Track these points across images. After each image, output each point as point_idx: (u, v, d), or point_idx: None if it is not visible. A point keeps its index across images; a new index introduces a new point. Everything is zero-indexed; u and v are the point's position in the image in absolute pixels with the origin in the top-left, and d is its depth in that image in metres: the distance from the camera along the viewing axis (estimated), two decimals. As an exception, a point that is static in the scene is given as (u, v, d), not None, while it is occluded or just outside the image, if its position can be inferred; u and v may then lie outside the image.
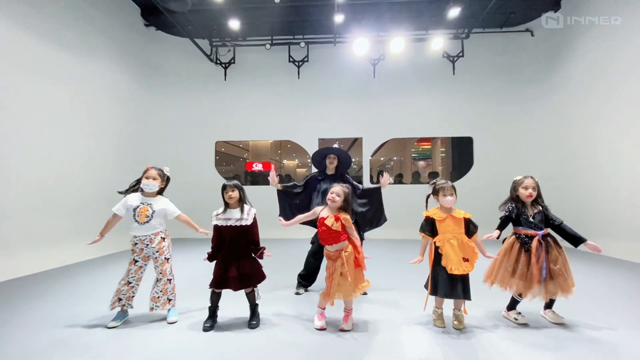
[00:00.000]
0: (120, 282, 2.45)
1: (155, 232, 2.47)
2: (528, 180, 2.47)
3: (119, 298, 2.42)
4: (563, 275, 2.33)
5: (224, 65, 7.69)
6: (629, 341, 2.14)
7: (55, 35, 4.84)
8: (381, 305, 2.90)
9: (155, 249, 2.45)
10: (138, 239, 2.45)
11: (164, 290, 2.47)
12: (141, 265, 2.47)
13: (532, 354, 1.97)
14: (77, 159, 5.16)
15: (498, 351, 2.02)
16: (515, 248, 2.43)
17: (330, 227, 2.25)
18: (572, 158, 6.24)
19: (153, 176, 2.50)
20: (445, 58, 7.41)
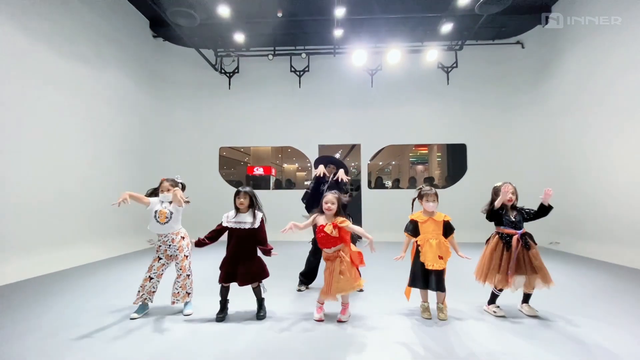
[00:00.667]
0: (144, 278, 2.76)
1: (175, 232, 2.79)
2: (507, 186, 2.79)
3: (142, 294, 2.73)
4: (542, 269, 2.64)
5: (228, 75, 8.04)
6: (592, 331, 2.43)
7: (69, 48, 5.14)
8: (375, 299, 3.20)
9: (176, 247, 2.78)
10: (161, 240, 2.77)
11: (183, 285, 2.78)
12: (164, 262, 2.79)
13: (506, 341, 2.27)
14: (90, 164, 5.47)
15: (476, 338, 2.32)
16: (499, 247, 2.74)
17: (330, 234, 2.55)
18: (560, 164, 6.56)
19: (167, 188, 2.82)
20: (440, 69, 7.76)
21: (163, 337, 2.33)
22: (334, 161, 3.75)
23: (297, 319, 2.68)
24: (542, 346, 2.18)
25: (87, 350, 2.13)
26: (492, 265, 2.73)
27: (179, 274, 2.80)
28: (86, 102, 5.45)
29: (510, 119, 7.59)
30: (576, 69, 6.18)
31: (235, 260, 2.62)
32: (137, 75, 6.86)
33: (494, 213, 2.79)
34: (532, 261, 2.63)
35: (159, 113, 7.56)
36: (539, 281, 2.63)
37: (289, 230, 2.53)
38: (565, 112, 6.44)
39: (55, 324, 2.59)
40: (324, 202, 2.63)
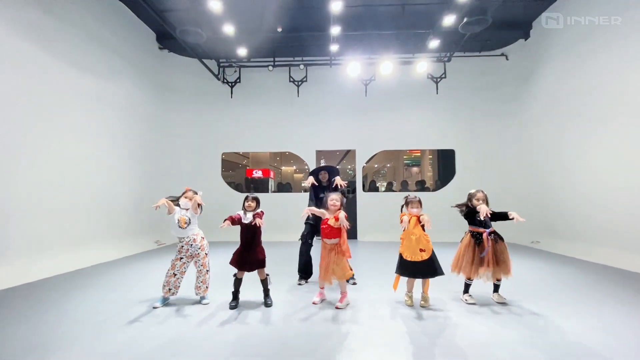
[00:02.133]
0: (167, 274, 3.19)
1: (195, 233, 3.24)
2: (479, 194, 3.27)
3: (169, 289, 3.18)
4: (505, 262, 3.12)
5: (230, 84, 8.49)
6: (553, 315, 2.91)
7: (80, 60, 5.49)
8: (367, 290, 3.66)
9: (198, 247, 3.22)
10: (184, 241, 3.20)
11: (204, 280, 3.24)
12: (185, 261, 3.23)
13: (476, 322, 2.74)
14: (102, 170, 5.87)
15: (450, 320, 2.78)
16: (471, 243, 3.23)
17: (333, 226, 3.04)
18: (540, 168, 7.07)
19: (190, 196, 3.27)
20: (430, 79, 8.27)
21: (187, 322, 2.77)
22: (325, 168, 4.26)
23: (299, 307, 3.13)
24: (503, 327, 2.64)
25: (123, 329, 2.56)
26: (466, 259, 3.20)
27: (199, 270, 3.23)
28: (95, 109, 5.79)
29: (496, 126, 8.11)
30: (554, 80, 6.68)
31: (245, 248, 3.15)
32: (143, 85, 7.27)
33: (468, 214, 3.26)
34: (497, 255, 3.11)
35: (164, 120, 7.98)
36: (500, 273, 3.11)
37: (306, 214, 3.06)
38: (544, 120, 6.95)
39: (82, 312, 3.01)
40: (329, 200, 3.15)
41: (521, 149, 7.69)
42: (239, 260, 3.13)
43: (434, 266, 3.09)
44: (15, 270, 4.12)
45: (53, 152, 4.90)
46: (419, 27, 7.00)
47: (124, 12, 6.69)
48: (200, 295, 3.24)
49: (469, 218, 3.31)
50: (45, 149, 4.78)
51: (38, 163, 4.63)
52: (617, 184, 5.14)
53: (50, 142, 4.87)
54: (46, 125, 4.82)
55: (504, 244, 3.21)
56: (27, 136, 4.50)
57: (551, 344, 2.33)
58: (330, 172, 4.20)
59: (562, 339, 2.41)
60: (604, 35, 5.49)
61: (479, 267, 3.14)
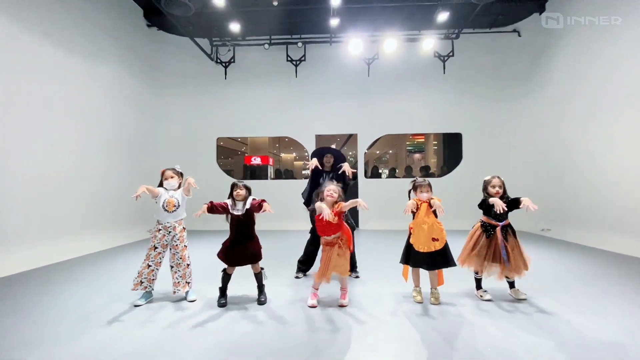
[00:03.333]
0: (142, 265, 2.86)
1: (179, 221, 2.90)
2: (495, 180, 2.90)
3: (141, 281, 2.83)
4: (516, 260, 2.78)
5: (224, 65, 8.00)
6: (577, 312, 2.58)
7: (61, 37, 5.06)
8: (371, 285, 3.34)
9: (178, 237, 2.88)
10: (163, 226, 2.86)
11: (183, 275, 2.89)
12: (160, 251, 2.88)
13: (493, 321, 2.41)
14: (87, 155, 5.50)
15: (464, 320, 2.46)
16: (478, 234, 2.90)
17: (330, 221, 2.64)
18: (554, 152, 6.65)
19: (170, 175, 2.94)
20: (437, 57, 7.76)
21: (170, 322, 2.45)
22: (331, 151, 3.79)
23: (295, 305, 2.81)
24: (523, 329, 2.32)
25: (96, 335, 2.25)
26: (473, 251, 2.86)
27: (178, 263, 2.89)
28: (81, 92, 5.42)
29: (506, 108, 7.65)
30: (572, 57, 6.20)
31: (236, 243, 2.79)
32: (131, 65, 6.81)
33: (483, 204, 2.90)
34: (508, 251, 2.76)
35: (154, 103, 7.55)
36: (512, 271, 2.77)
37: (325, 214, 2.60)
38: (560, 102, 6.49)
39: (61, 309, 2.71)
40: (326, 190, 2.73)
41: (533, 131, 7.25)
42: (229, 254, 2.79)
43: (445, 256, 2.76)
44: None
45: (32, 136, 4.52)
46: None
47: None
48: (179, 291, 2.89)
49: (483, 208, 2.94)
50: (24, 133, 4.40)
51: (15, 148, 4.26)
52: (636, 168, 4.76)
53: (29, 125, 4.49)
54: (24, 108, 4.42)
55: (516, 240, 2.86)
56: (3, 120, 4.12)
57: (582, 347, 2.01)
58: (336, 157, 3.76)
59: (593, 340, 2.09)
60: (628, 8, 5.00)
61: (487, 263, 2.80)
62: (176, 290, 2.87)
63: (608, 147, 5.31)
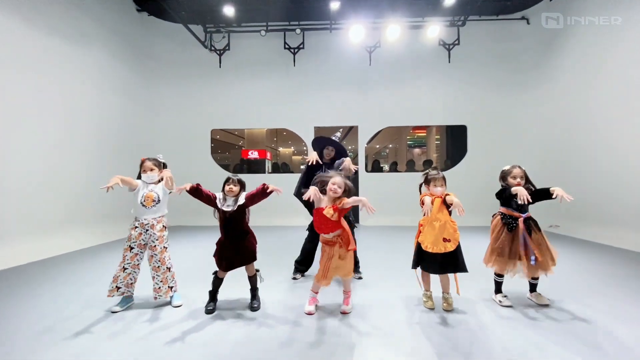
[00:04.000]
0: (117, 269, 2.52)
1: (158, 218, 2.56)
2: (516, 170, 2.59)
3: (117, 286, 2.50)
4: (544, 255, 2.47)
5: (218, 52, 7.61)
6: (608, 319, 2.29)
7: (42, 20, 4.72)
8: (375, 288, 3.03)
9: (156, 237, 2.53)
10: (139, 223, 2.53)
11: (164, 280, 2.54)
12: (137, 252, 2.54)
13: (513, 334, 2.11)
14: (67, 147, 5.13)
15: (483, 329, 2.16)
16: (499, 228, 2.58)
17: (329, 217, 2.31)
18: (565, 145, 6.35)
19: (149, 167, 2.60)
20: (441, 46, 7.40)
21: (151, 331, 2.14)
22: (333, 144, 3.39)
23: (292, 311, 2.51)
24: (551, 340, 2.02)
25: (59, 345, 1.93)
26: (497, 249, 2.55)
27: (157, 267, 2.54)
28: (65, 80, 5.09)
29: (514, 99, 7.32)
30: (584, 45, 5.88)
31: (229, 242, 2.47)
32: (119, 52, 6.43)
33: (501, 193, 2.59)
34: (532, 247, 2.46)
35: (144, 92, 7.17)
36: (538, 269, 2.47)
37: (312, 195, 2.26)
38: (574, 92, 6.16)
39: (33, 315, 2.39)
40: (331, 183, 2.33)
41: (542, 123, 6.93)
42: (220, 256, 2.47)
43: (456, 260, 2.44)
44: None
45: (8, 124, 4.16)
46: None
47: (91, -36, 5.76)
48: (160, 297, 2.56)
49: (502, 198, 2.63)
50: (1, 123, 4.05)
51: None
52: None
53: (4, 116, 4.13)
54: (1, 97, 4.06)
55: (541, 233, 2.55)
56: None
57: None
58: (338, 151, 3.39)
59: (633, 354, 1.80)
60: None
61: (512, 261, 2.50)
62: (157, 297, 2.55)
63: (627, 139, 4.99)
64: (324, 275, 2.40)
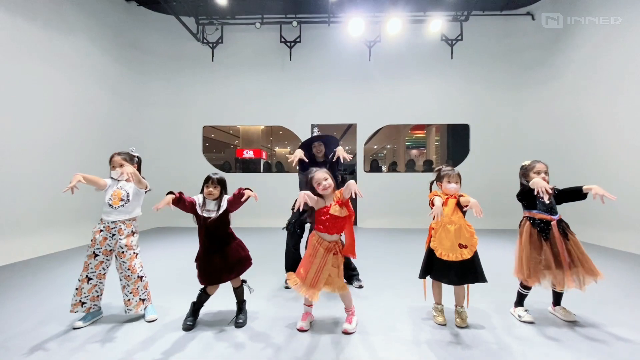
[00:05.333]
0: (79, 279, 2.18)
1: (127, 222, 2.22)
2: (540, 165, 2.32)
3: (81, 301, 2.16)
4: (586, 259, 2.17)
5: (211, 45, 7.26)
6: None
7: (23, 7, 4.40)
8: (376, 299, 2.71)
9: (124, 243, 2.19)
10: (104, 227, 2.19)
11: (134, 291, 2.21)
12: (102, 260, 2.20)
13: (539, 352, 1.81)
14: (50, 143, 4.78)
15: (506, 349, 1.85)
16: (535, 236, 2.24)
17: (338, 215, 2.03)
18: (572, 145, 6.09)
19: (119, 163, 2.27)
20: (444, 41, 7.12)
21: (118, 350, 1.80)
22: (320, 139, 3.19)
23: (282, 326, 2.18)
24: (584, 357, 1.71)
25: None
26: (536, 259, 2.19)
27: (126, 276, 2.21)
28: (46, 71, 4.74)
29: (519, 97, 7.05)
30: (592, 42, 5.63)
31: (210, 253, 2.13)
32: (106, 43, 6.07)
33: (525, 194, 2.28)
34: (573, 252, 2.15)
35: (133, 86, 6.80)
36: (584, 275, 2.14)
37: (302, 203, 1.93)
38: (578, 90, 5.92)
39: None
40: (316, 185, 2.07)
41: (548, 122, 6.66)
42: (206, 270, 2.12)
43: (474, 268, 2.13)
44: None
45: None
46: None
47: (74, -53, 5.40)
48: (130, 311, 2.22)
49: (526, 200, 2.32)
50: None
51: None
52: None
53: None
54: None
55: (576, 237, 2.25)
56: None
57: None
58: (327, 144, 3.17)
59: None
60: None
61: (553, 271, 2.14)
62: (127, 311, 2.21)
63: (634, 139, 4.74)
64: (313, 283, 2.05)
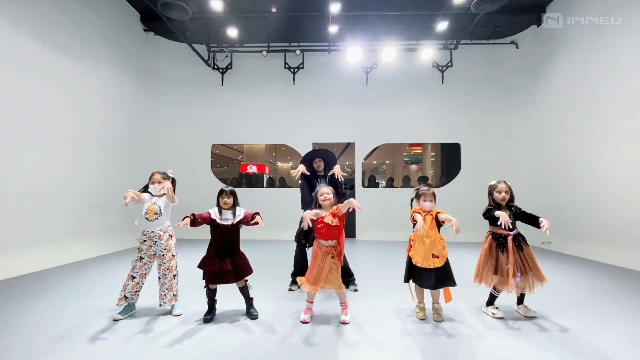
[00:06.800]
0: (126, 277, 2.65)
1: (163, 229, 2.69)
2: (501, 185, 2.75)
3: (125, 295, 2.61)
4: (536, 267, 2.61)
5: (221, 71, 7.90)
6: (586, 331, 2.41)
7: (55, 39, 4.98)
8: (369, 299, 3.13)
9: (163, 246, 2.66)
10: (147, 236, 2.66)
11: (169, 287, 2.67)
12: (146, 262, 2.68)
13: (502, 343, 2.23)
14: (76, 160, 5.30)
15: (469, 340, 2.27)
16: (493, 247, 2.70)
17: (330, 224, 2.48)
18: (553, 164, 6.58)
19: (158, 180, 2.73)
20: (435, 67, 7.73)
21: (148, 340, 2.23)
22: (320, 155, 3.59)
23: (288, 319, 2.60)
24: (538, 348, 2.13)
25: (65, 353, 2.02)
26: (488, 266, 2.68)
27: (164, 274, 2.68)
28: (73, 95, 5.30)
29: (505, 119, 7.60)
30: (569, 69, 6.20)
31: (219, 257, 2.55)
32: (126, 69, 6.69)
33: (490, 217, 2.74)
34: (525, 262, 2.60)
35: (149, 108, 7.40)
36: (534, 280, 2.59)
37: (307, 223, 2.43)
38: (558, 113, 6.46)
39: (38, 323, 2.48)
40: (319, 195, 2.58)
41: (531, 142, 7.19)
42: (212, 272, 2.54)
43: (446, 275, 2.57)
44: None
45: (20, 139, 4.34)
46: (425, 8, 6.46)
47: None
48: (165, 304, 2.68)
49: (489, 219, 2.78)
50: (11, 136, 4.22)
51: (2, 151, 4.07)
52: (637, 180, 4.67)
53: (17, 128, 4.31)
54: (10, 110, 4.25)
55: (529, 248, 2.69)
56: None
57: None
58: (326, 160, 3.57)
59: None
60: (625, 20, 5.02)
61: (504, 277, 2.61)
62: (162, 304, 2.66)
63: (608, 158, 5.23)
64: (315, 281, 2.50)
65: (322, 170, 3.57)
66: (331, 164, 3.51)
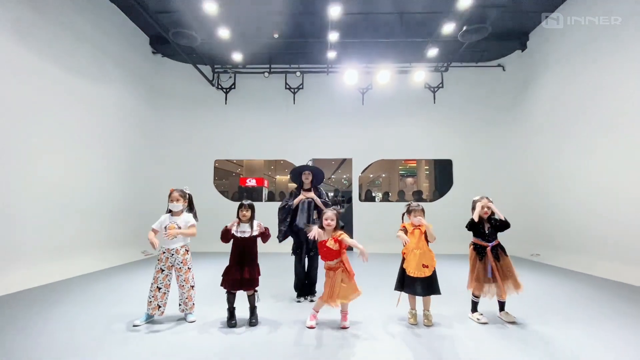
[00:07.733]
0: (151, 289, 2.92)
1: (181, 245, 2.99)
2: (484, 200, 3.09)
3: (158, 304, 2.89)
4: (513, 277, 2.93)
5: (225, 90, 8.32)
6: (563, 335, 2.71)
7: (71, 61, 5.33)
8: (366, 307, 3.42)
9: (180, 260, 2.96)
10: (166, 249, 2.95)
11: (189, 297, 2.97)
12: (167, 273, 2.96)
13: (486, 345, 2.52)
14: (88, 176, 5.60)
15: (460, 342, 2.56)
16: (474, 256, 3.05)
17: (332, 248, 2.80)
18: (538, 179, 6.96)
19: (176, 198, 3.04)
20: (427, 88, 8.21)
21: (171, 342, 2.50)
22: (310, 169, 3.87)
23: (295, 326, 2.88)
24: (519, 349, 2.43)
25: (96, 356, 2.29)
26: (473, 274, 3.01)
27: (182, 285, 2.96)
28: (86, 114, 5.62)
29: (493, 137, 8.04)
30: (551, 90, 6.66)
31: (240, 266, 2.83)
32: (136, 90, 7.07)
33: (472, 224, 3.07)
34: (501, 270, 2.92)
35: (156, 126, 7.76)
36: (510, 288, 2.91)
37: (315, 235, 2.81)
38: (541, 131, 6.89)
39: (59, 331, 2.73)
40: (324, 219, 2.88)
41: (520, 158, 7.61)
42: (230, 280, 2.83)
43: (433, 284, 2.90)
44: (-15, 283, 3.80)
45: (36, 156, 4.63)
46: (416, 35, 6.96)
47: (116, 14, 6.52)
48: (187, 312, 2.97)
49: (472, 230, 3.11)
50: (28, 153, 4.52)
51: (18, 167, 4.36)
52: (620, 194, 5.03)
53: (34, 146, 4.62)
54: (31, 129, 4.57)
55: (508, 258, 3.02)
56: (8, 140, 4.24)
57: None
58: (314, 174, 3.86)
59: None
60: (600, 46, 5.50)
61: (484, 284, 2.95)
62: (184, 310, 2.98)
63: (591, 174, 5.60)
64: (330, 297, 2.77)
65: (309, 182, 3.82)
66: (319, 178, 3.85)
